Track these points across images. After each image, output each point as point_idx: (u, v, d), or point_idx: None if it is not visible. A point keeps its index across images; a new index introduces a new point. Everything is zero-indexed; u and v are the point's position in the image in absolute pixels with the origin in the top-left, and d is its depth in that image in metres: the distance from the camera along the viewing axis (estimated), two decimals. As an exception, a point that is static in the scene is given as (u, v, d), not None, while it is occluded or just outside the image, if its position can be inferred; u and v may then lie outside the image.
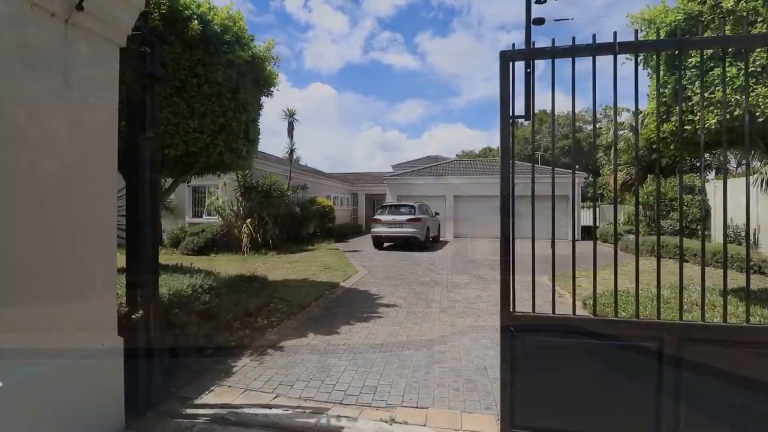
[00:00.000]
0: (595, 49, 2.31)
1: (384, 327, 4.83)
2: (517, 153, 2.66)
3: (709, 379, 2.07)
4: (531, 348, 2.34)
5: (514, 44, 2.43)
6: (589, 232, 19.45)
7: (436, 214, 16.72)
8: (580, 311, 3.27)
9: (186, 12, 4.66)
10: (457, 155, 48.14)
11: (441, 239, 17.54)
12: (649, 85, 5.15)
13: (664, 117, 4.64)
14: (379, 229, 14.25)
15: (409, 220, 13.79)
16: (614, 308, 2.44)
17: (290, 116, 16.26)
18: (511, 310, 2.38)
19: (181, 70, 4.61)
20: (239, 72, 5.36)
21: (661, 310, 2.49)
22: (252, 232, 12.78)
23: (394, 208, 14.72)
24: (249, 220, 12.97)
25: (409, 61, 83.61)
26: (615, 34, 2.28)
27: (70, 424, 2.15)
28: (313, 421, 2.67)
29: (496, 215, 2.47)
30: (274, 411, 2.80)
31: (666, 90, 4.50)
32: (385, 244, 14.71)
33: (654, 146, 4.72)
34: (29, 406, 1.95)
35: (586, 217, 21.91)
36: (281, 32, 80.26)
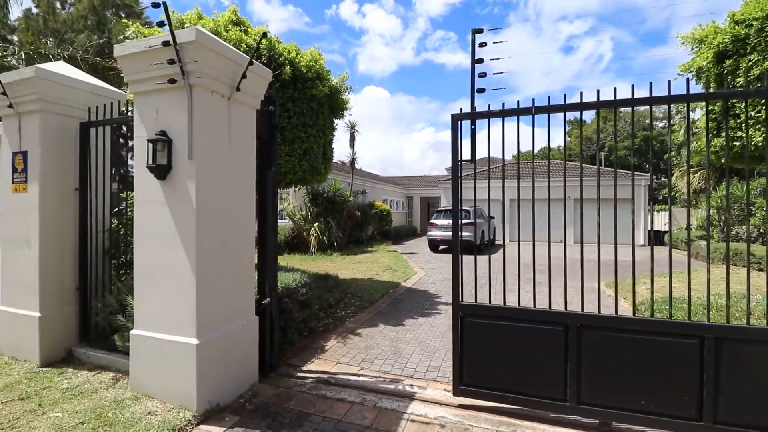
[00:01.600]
0: (517, 111, 3.09)
1: (443, 321, 5.54)
2: (577, 153, 3.26)
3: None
4: (473, 327, 3.15)
5: (461, 109, 3.27)
6: (658, 237, 18.48)
7: (492, 218, 16.96)
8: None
9: (281, 59, 5.75)
10: (513, 156, 47.03)
11: (497, 243, 17.73)
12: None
13: (714, 132, 4.87)
14: (434, 233, 14.88)
15: (465, 224, 14.28)
16: (533, 302, 2.90)
17: (352, 128, 17.50)
18: (460, 299, 3.20)
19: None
20: (319, 103, 6.40)
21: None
22: (319, 235, 14.08)
23: (450, 213, 15.28)
24: (316, 223, 14.28)
25: (462, 59, 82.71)
26: (533, 100, 3.06)
27: (231, 370, 3.16)
28: (392, 387, 3.48)
29: (555, 219, 3.05)
30: (361, 378, 3.66)
31: (715, 107, 4.73)
32: (441, 247, 15.30)
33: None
34: (212, 354, 2.97)
35: (652, 221, 20.69)
36: (336, 39, 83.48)
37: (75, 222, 3.87)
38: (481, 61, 3.22)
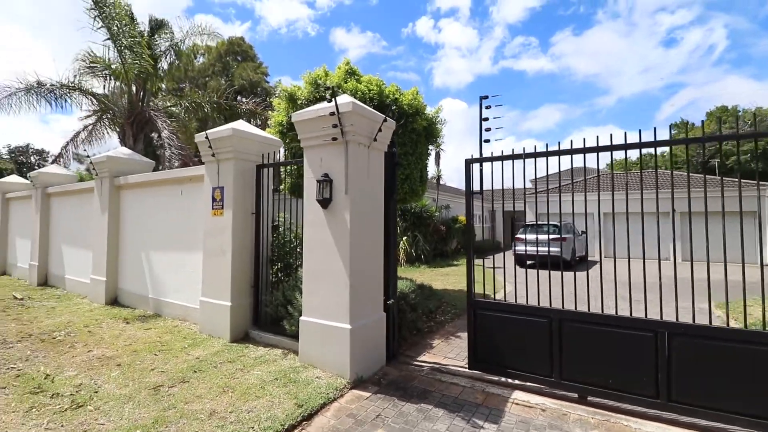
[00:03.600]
0: (511, 157, 4.06)
1: (536, 331, 6.00)
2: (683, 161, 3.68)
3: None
4: (483, 319, 4.19)
5: (472, 154, 4.36)
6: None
7: (583, 232, 16.38)
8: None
9: (387, 100, 6.86)
10: (606, 164, 43.61)
11: (589, 259, 16.98)
12: None
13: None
14: (521, 248, 14.92)
15: (553, 239, 14.12)
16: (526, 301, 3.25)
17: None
18: (473, 296, 4.25)
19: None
20: (418, 133, 7.38)
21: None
22: (407, 248, 15.08)
23: (537, 227, 15.19)
24: (405, 237, 15.32)
25: (545, 64, 79.40)
26: (524, 149, 3.98)
27: (369, 353, 4.14)
28: (495, 378, 4.16)
29: (656, 234, 3.52)
30: (467, 370, 4.39)
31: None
32: (528, 262, 15.25)
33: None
34: (359, 338, 3.97)
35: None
36: (412, 56, 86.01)
37: (252, 237, 5.29)
38: (485, 119, 4.11)
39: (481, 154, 4.33)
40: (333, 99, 3.86)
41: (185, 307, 5.96)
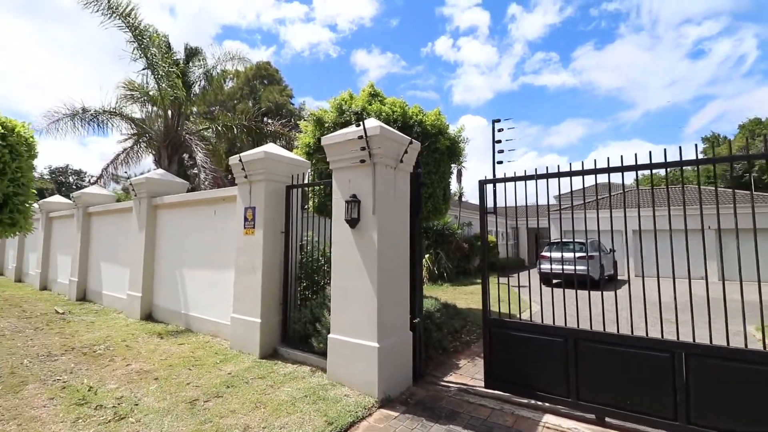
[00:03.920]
0: (523, 178, 4.21)
1: (566, 352, 5.85)
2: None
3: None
4: (499, 337, 4.26)
5: (486, 176, 4.67)
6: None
7: (611, 250, 15.90)
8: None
9: (410, 121, 7.02)
10: (635, 180, 42.42)
11: (618, 278, 16.43)
12: None
13: None
14: (547, 266, 14.62)
15: (580, 257, 13.80)
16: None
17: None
18: (488, 315, 4.37)
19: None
20: (441, 153, 7.48)
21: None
22: (430, 266, 15.02)
23: (563, 245, 14.91)
24: (427, 255, 15.29)
25: (566, 79, 78.96)
26: (536, 170, 4.14)
27: (396, 372, 4.16)
28: (525, 401, 4.09)
29: (692, 252, 3.46)
30: (496, 392, 4.33)
31: None
32: (554, 281, 14.89)
33: None
34: (386, 356, 4.01)
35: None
36: (431, 74, 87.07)
37: (281, 255, 5.46)
38: (498, 141, 4.32)
39: (494, 175, 4.62)
40: (361, 123, 4.04)
41: (216, 323, 6.15)
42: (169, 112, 13.29)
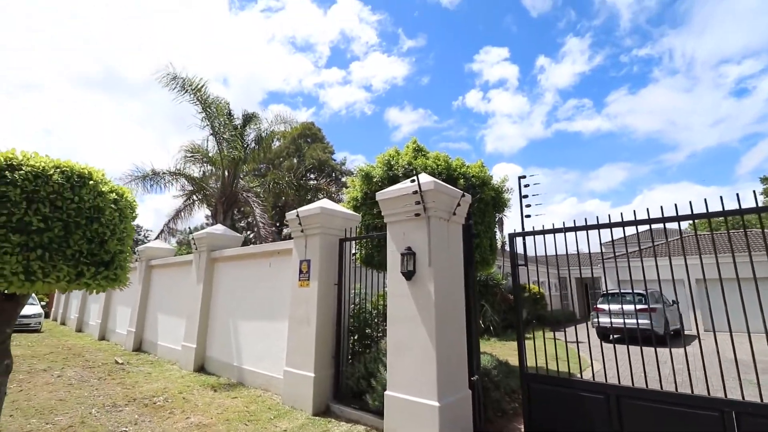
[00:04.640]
0: (555, 230, 4.46)
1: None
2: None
3: None
4: (537, 393, 4.35)
5: (515, 229, 4.92)
6: None
7: (674, 302, 14.63)
8: None
9: (454, 173, 7.19)
10: (690, 225, 39.64)
11: (685, 332, 14.91)
12: None
13: None
14: (604, 320, 13.61)
15: (640, 309, 12.79)
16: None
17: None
18: (525, 369, 4.52)
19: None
20: (485, 203, 7.52)
21: None
22: (475, 319, 14.43)
23: (621, 296, 13.94)
24: (471, 307, 14.75)
25: (601, 123, 78.10)
26: (574, 221, 4.39)
27: (456, 427, 3.94)
28: (603, 473, 3.69)
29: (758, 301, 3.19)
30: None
31: None
32: (612, 337, 13.74)
33: None
34: (447, 416, 3.83)
35: None
36: (463, 126, 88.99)
37: (334, 307, 5.54)
38: (525, 197, 4.91)
39: (523, 228, 4.90)
40: (416, 178, 4.23)
41: (268, 377, 6.17)
42: (226, 172, 14.45)
